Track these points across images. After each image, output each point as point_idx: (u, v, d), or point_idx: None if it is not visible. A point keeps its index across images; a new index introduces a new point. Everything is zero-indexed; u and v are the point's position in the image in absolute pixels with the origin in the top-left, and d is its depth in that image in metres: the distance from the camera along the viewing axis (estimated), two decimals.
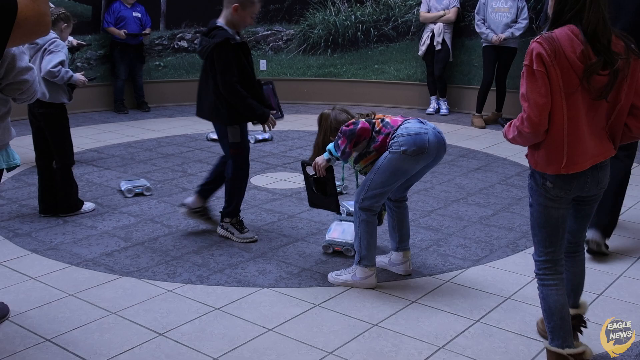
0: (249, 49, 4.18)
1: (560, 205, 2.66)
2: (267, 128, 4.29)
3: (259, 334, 3.17)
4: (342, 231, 4.18)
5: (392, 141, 3.46)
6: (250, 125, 4.30)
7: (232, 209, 4.36)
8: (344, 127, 3.53)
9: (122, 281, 3.72)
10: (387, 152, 3.48)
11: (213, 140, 7.05)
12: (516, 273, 3.84)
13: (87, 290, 3.59)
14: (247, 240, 4.31)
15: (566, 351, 2.65)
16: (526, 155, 2.73)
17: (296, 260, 4.04)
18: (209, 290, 3.62)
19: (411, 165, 3.47)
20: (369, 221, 3.59)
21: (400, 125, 3.51)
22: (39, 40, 4.79)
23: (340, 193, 5.30)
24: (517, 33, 7.89)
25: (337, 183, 5.36)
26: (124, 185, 5.29)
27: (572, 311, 2.88)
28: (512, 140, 2.66)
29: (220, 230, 4.41)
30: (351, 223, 4.16)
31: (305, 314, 3.38)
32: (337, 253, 4.12)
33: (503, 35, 7.92)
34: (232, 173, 4.27)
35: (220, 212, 4.42)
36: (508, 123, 2.69)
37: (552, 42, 2.47)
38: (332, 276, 3.74)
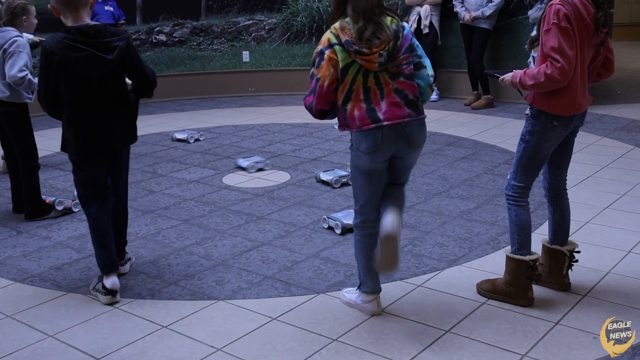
0: None
1: (556, 141, 3.14)
2: None
3: (206, 355, 2.88)
4: None
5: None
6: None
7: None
8: None
9: (67, 298, 3.44)
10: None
11: (179, 140, 6.85)
12: (495, 274, 3.51)
13: (26, 311, 3.31)
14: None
15: (527, 257, 3.26)
16: (530, 102, 3.10)
17: (258, 267, 3.75)
18: (159, 306, 3.34)
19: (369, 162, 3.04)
20: (364, 241, 3.13)
21: None
22: None
23: (347, 183, 5.12)
24: (487, 12, 7.83)
25: (343, 173, 5.13)
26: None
27: (564, 247, 3.37)
28: (531, 87, 3.00)
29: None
30: None
31: (260, 329, 3.09)
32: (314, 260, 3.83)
33: (474, 14, 7.83)
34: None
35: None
36: (522, 70, 3.05)
37: (571, 5, 2.91)
38: (342, 292, 3.37)
